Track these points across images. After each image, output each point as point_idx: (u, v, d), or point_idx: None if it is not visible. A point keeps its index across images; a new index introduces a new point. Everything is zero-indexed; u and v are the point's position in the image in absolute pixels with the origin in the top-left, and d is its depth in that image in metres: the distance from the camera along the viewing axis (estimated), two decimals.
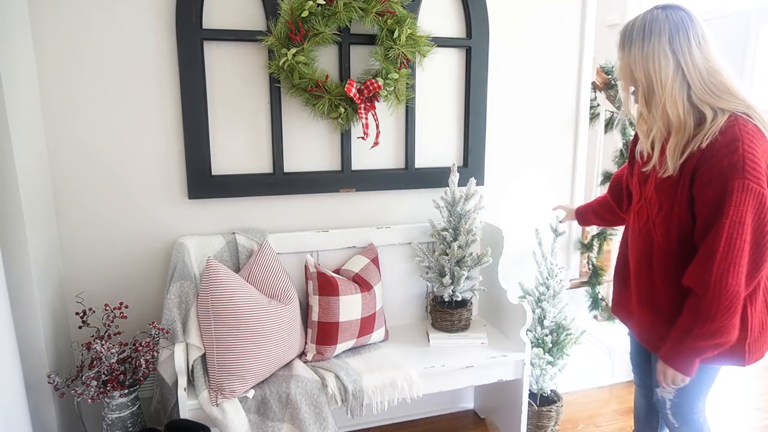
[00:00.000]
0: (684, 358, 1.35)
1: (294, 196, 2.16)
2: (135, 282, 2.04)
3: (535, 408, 2.25)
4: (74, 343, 1.98)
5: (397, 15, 1.97)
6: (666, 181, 1.37)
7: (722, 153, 1.25)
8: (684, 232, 1.37)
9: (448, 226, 2.12)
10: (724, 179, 1.25)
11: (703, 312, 1.29)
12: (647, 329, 1.52)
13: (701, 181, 1.29)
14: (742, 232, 1.24)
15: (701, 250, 1.30)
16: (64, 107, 1.87)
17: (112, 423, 1.76)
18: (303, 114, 2.09)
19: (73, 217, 1.95)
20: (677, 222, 1.37)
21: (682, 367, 1.36)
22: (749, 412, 2.57)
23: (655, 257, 1.45)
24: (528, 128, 2.42)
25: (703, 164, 1.28)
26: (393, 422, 2.42)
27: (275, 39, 1.91)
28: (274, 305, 1.86)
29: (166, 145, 1.99)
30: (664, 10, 1.33)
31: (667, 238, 1.40)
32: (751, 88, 4.28)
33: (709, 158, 1.27)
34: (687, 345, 1.33)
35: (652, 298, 1.48)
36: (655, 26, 1.31)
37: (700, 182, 1.29)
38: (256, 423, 1.73)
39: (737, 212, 1.24)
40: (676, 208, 1.36)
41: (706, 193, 1.28)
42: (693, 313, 1.32)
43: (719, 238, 1.25)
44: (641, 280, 1.51)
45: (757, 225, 1.25)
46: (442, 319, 2.15)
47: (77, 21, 1.83)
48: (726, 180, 1.24)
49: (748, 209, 1.24)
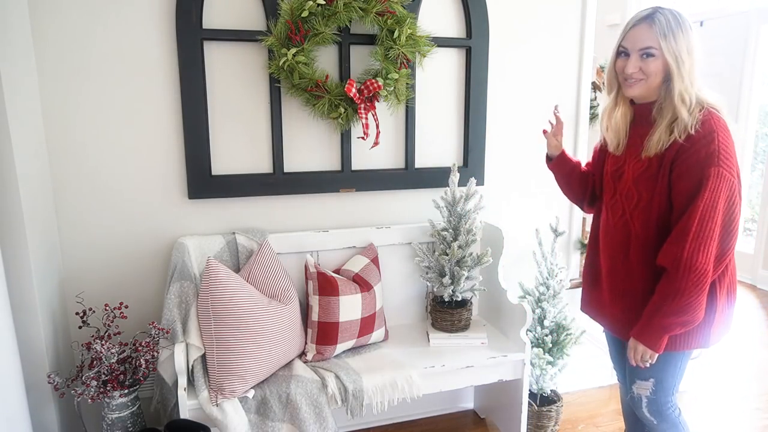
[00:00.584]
0: (653, 333, 1.45)
1: (294, 196, 2.16)
2: (135, 282, 2.04)
3: (535, 408, 2.25)
4: (74, 343, 1.98)
5: (397, 15, 1.97)
6: (645, 173, 1.48)
7: (700, 144, 1.37)
8: (662, 220, 1.47)
9: (448, 226, 2.12)
10: (701, 167, 1.36)
11: (673, 289, 1.39)
12: (621, 320, 1.60)
13: (680, 170, 1.40)
14: (713, 216, 1.35)
15: (675, 231, 1.40)
16: (64, 107, 1.87)
17: (112, 423, 1.76)
18: (303, 114, 2.09)
19: (73, 217, 1.95)
20: (657, 211, 1.47)
21: (651, 342, 1.45)
22: (749, 412, 2.57)
23: (632, 247, 1.53)
24: (528, 128, 2.42)
25: (682, 154, 1.39)
26: (393, 422, 2.42)
27: (275, 39, 1.91)
28: (274, 305, 1.86)
29: (166, 145, 1.99)
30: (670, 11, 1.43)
31: (646, 227, 1.49)
32: (752, 88, 4.27)
33: (689, 148, 1.38)
34: (656, 321, 1.43)
35: (628, 288, 1.56)
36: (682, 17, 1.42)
37: (679, 171, 1.40)
38: (256, 423, 1.73)
39: (711, 197, 1.35)
40: (656, 197, 1.46)
41: (684, 182, 1.39)
42: (663, 291, 1.42)
43: (693, 219, 1.36)
44: (616, 273, 1.59)
45: (727, 211, 1.37)
46: (442, 319, 2.15)
47: (77, 21, 1.83)
48: (703, 168, 1.36)
49: (720, 195, 1.35)
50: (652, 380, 1.57)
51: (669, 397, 1.59)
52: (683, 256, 1.36)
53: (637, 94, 1.49)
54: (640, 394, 1.61)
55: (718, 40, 4.42)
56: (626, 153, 1.57)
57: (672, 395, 1.60)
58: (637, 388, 1.61)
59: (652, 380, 1.57)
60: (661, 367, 1.54)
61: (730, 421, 2.51)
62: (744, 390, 2.77)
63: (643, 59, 1.44)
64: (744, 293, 4.22)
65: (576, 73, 2.44)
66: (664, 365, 1.53)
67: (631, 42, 1.45)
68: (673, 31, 1.40)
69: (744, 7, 4.19)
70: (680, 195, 1.40)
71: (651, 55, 1.42)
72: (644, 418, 1.64)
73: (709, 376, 2.89)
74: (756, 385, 2.83)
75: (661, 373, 1.55)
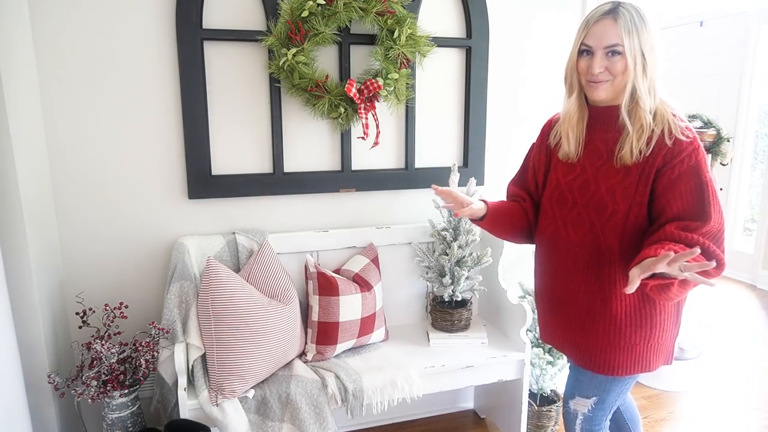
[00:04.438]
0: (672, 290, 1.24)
1: (294, 196, 2.16)
2: (135, 282, 2.04)
3: (535, 408, 2.25)
4: (74, 343, 1.98)
5: (397, 15, 1.97)
6: (623, 181, 1.35)
7: (689, 150, 1.30)
8: (636, 232, 1.35)
9: (448, 226, 2.12)
10: (696, 173, 1.29)
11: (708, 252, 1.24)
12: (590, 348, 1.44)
13: (670, 176, 1.30)
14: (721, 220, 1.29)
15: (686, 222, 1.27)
16: (64, 107, 1.87)
17: (112, 423, 1.76)
18: (303, 114, 2.09)
19: (73, 217, 1.95)
20: (632, 222, 1.34)
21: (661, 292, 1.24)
22: (749, 412, 2.57)
23: (605, 264, 1.38)
24: (528, 128, 2.42)
25: (671, 159, 1.30)
26: (393, 422, 2.42)
27: (275, 39, 1.91)
28: (274, 305, 1.86)
29: (166, 145, 1.99)
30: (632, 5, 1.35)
31: (620, 240, 1.36)
32: (751, 88, 4.28)
33: (678, 153, 1.30)
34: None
35: (601, 312, 1.40)
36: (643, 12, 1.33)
37: (669, 177, 1.30)
38: (256, 423, 1.73)
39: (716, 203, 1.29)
40: (634, 207, 1.34)
41: (679, 186, 1.30)
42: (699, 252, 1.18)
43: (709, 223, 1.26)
44: (580, 298, 1.43)
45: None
46: (442, 319, 2.15)
47: (77, 21, 1.83)
48: (698, 174, 1.29)
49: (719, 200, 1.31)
50: (594, 398, 1.50)
51: (604, 418, 1.53)
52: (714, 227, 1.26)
53: (604, 97, 1.36)
54: (577, 410, 1.53)
55: (718, 40, 4.42)
56: (584, 161, 1.43)
57: (607, 417, 1.54)
58: (574, 404, 1.54)
59: (594, 398, 1.50)
60: (605, 387, 1.47)
61: (730, 421, 2.51)
62: (744, 390, 2.77)
63: (608, 58, 1.32)
64: (744, 293, 4.22)
65: None
66: (609, 385, 1.47)
67: (595, 39, 1.32)
68: (637, 27, 1.30)
69: (744, 7, 4.19)
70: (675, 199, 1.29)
71: (617, 53, 1.30)
72: None
73: (709, 376, 2.90)
74: (756, 385, 2.83)
75: (604, 393, 1.48)
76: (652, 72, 1.32)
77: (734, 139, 4.30)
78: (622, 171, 1.36)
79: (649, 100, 1.33)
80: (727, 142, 2.66)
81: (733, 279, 4.49)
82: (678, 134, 1.31)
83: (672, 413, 2.55)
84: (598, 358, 1.44)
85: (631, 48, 1.30)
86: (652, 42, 1.31)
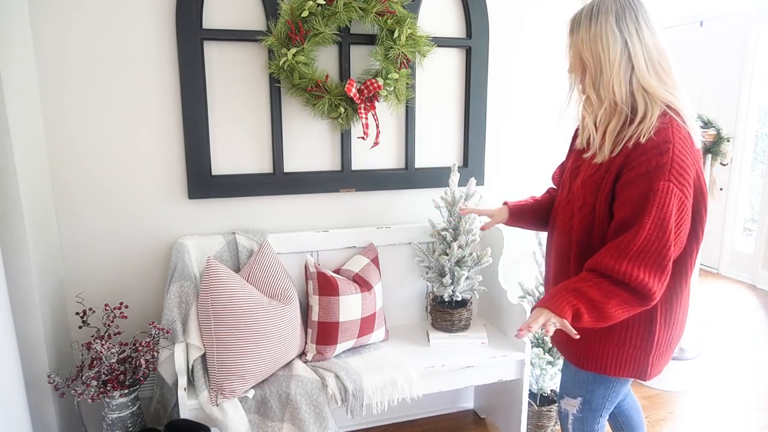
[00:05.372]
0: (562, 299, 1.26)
1: (294, 196, 2.16)
2: (135, 282, 2.04)
3: (535, 408, 2.25)
4: (74, 343, 1.98)
5: (397, 15, 1.97)
6: (594, 175, 1.34)
7: (652, 153, 1.23)
8: (602, 230, 1.33)
9: (448, 226, 2.12)
10: (649, 179, 1.22)
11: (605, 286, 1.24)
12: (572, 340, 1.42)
13: (626, 178, 1.26)
14: (661, 236, 1.21)
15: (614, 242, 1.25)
16: (64, 107, 1.87)
17: (112, 423, 1.76)
18: (303, 114, 2.09)
19: (73, 217, 1.95)
20: (598, 218, 1.33)
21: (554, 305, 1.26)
22: (749, 412, 2.57)
23: (572, 255, 1.40)
24: (528, 128, 2.42)
25: (631, 161, 1.25)
26: (393, 422, 2.42)
27: (275, 39, 1.91)
28: (274, 305, 1.86)
29: (166, 145, 1.99)
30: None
31: (587, 235, 1.36)
32: (751, 88, 4.28)
33: (639, 156, 1.24)
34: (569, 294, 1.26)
35: None
36: (603, 6, 1.31)
37: (625, 179, 1.26)
38: (256, 423, 1.74)
39: (660, 214, 1.21)
40: (598, 204, 1.33)
41: (630, 191, 1.24)
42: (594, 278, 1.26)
43: (638, 236, 1.21)
44: (560, 280, 1.45)
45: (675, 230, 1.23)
46: (442, 319, 2.15)
47: (77, 21, 1.83)
48: (651, 180, 1.21)
49: (671, 213, 1.21)
50: (579, 399, 1.49)
51: (596, 420, 1.50)
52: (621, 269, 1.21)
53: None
54: (567, 410, 1.53)
55: (718, 40, 4.42)
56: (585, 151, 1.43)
57: (600, 418, 1.51)
58: (564, 404, 1.54)
59: (579, 399, 1.49)
60: (589, 388, 1.46)
61: (730, 421, 2.51)
62: (744, 390, 2.77)
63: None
64: (744, 293, 4.22)
65: None
66: (591, 385, 1.45)
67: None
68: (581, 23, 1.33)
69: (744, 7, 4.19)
70: (625, 204, 1.25)
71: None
72: None
73: (709, 376, 2.90)
74: (756, 385, 2.83)
75: (588, 394, 1.47)
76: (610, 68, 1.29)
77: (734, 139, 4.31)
78: (595, 166, 1.35)
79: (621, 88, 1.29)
80: (727, 142, 2.66)
81: (733, 279, 4.50)
82: (646, 135, 1.24)
83: (672, 413, 2.56)
84: (571, 347, 1.45)
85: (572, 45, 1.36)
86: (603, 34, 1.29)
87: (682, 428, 2.46)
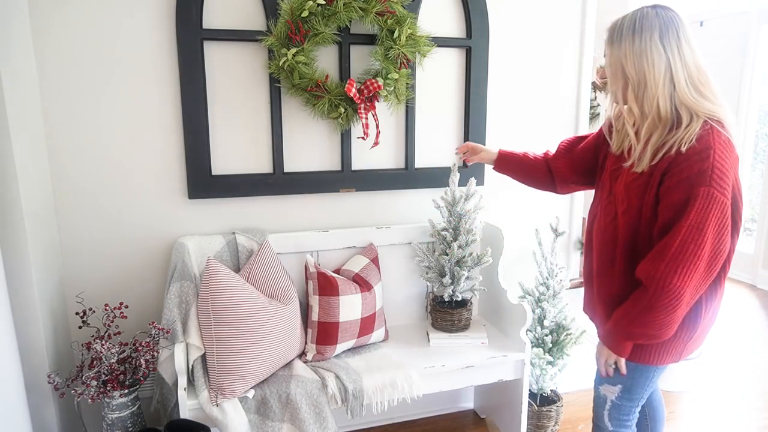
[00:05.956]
0: (617, 337, 1.43)
1: (294, 196, 2.16)
2: (135, 282, 2.04)
3: (535, 408, 2.25)
4: (74, 343, 1.98)
5: (397, 15, 1.97)
6: (637, 180, 1.39)
7: (693, 159, 1.27)
8: (649, 231, 1.39)
9: (448, 226, 2.12)
10: (691, 184, 1.27)
11: (644, 302, 1.34)
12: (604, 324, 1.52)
13: (669, 184, 1.31)
14: (697, 238, 1.27)
15: (656, 248, 1.33)
16: (65, 107, 1.87)
17: (112, 423, 1.76)
18: (303, 114, 2.09)
19: (73, 217, 1.95)
20: (644, 221, 1.39)
21: (614, 346, 1.45)
22: (749, 412, 2.57)
23: (618, 253, 1.46)
24: (528, 128, 2.42)
25: (674, 167, 1.30)
26: (393, 422, 2.42)
27: (275, 39, 1.91)
28: (274, 305, 1.86)
29: (166, 145, 1.99)
30: (654, 9, 1.35)
31: (632, 236, 1.42)
32: (751, 88, 4.28)
33: (681, 162, 1.29)
34: (621, 327, 1.41)
35: (611, 293, 1.49)
36: (646, 23, 1.32)
37: (668, 184, 1.31)
38: (256, 423, 1.73)
39: (698, 218, 1.26)
40: (644, 208, 1.38)
41: (672, 196, 1.30)
42: (636, 300, 1.37)
43: (674, 239, 1.28)
44: (603, 277, 1.52)
45: (717, 234, 1.28)
46: (442, 319, 2.15)
47: (77, 21, 1.83)
48: (693, 186, 1.27)
49: (710, 217, 1.26)
50: (619, 386, 1.53)
51: (633, 408, 1.56)
52: (656, 276, 1.30)
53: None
54: (606, 395, 1.57)
55: (718, 40, 4.42)
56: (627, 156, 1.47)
57: (636, 407, 1.56)
58: (604, 389, 1.58)
59: (619, 386, 1.53)
60: (630, 376, 1.50)
61: (730, 421, 2.51)
62: (744, 390, 2.77)
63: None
64: (744, 293, 4.22)
65: (576, 73, 2.44)
66: (634, 374, 1.50)
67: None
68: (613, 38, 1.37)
69: (744, 7, 4.19)
70: (667, 208, 1.32)
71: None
72: (601, 421, 1.61)
73: (709, 376, 2.90)
74: (756, 385, 2.83)
75: (629, 382, 1.51)
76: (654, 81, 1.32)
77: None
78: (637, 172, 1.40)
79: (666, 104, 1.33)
80: None
81: (733, 279, 4.49)
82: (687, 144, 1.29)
83: (672, 413, 2.55)
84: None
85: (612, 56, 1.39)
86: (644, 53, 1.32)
87: (682, 428, 2.46)
